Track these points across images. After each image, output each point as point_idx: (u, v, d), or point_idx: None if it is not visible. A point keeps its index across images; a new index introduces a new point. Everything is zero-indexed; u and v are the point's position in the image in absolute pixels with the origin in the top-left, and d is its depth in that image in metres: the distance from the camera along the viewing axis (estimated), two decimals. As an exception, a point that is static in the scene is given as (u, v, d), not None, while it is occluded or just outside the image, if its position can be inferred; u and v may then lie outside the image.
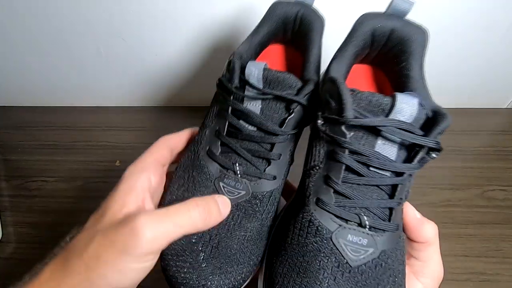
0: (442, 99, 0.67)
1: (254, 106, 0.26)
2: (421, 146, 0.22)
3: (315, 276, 0.21)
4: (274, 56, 0.35)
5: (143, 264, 0.21)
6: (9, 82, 0.62)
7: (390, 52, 0.28)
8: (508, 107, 0.62)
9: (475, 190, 0.47)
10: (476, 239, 0.41)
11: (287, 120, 0.26)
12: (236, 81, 0.26)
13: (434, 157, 0.22)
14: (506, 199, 0.45)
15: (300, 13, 0.30)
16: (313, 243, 0.22)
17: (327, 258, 0.21)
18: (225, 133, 0.27)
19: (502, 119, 0.60)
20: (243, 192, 0.26)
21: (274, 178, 0.27)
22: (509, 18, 0.49)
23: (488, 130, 0.57)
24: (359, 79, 0.32)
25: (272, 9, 0.30)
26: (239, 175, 0.26)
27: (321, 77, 0.29)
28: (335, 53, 0.28)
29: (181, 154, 0.31)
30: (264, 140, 0.26)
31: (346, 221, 0.22)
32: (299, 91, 0.26)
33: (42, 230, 0.47)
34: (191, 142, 0.29)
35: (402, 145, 0.22)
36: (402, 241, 0.23)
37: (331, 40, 0.31)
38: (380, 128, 0.21)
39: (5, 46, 0.56)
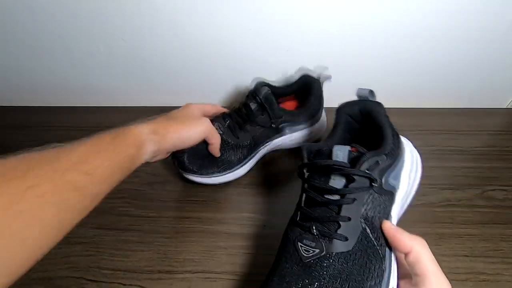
0: (442, 99, 0.67)
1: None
2: (353, 176, 0.30)
3: (280, 265, 0.31)
4: None
5: (195, 128, 0.40)
6: (9, 82, 0.62)
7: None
8: (508, 107, 0.62)
9: (475, 190, 0.47)
10: (476, 239, 0.41)
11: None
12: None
13: (374, 185, 0.30)
14: (506, 199, 0.45)
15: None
16: (284, 246, 0.32)
17: (289, 254, 0.31)
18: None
19: (502, 119, 0.60)
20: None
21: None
22: (509, 18, 0.49)
23: (488, 130, 0.57)
24: None
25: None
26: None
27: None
28: (329, 133, 0.39)
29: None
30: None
31: (304, 230, 0.31)
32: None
33: (42, 230, 0.47)
34: None
35: (346, 177, 0.30)
36: (362, 251, 0.29)
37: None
38: (324, 165, 0.31)
39: (5, 46, 0.56)
